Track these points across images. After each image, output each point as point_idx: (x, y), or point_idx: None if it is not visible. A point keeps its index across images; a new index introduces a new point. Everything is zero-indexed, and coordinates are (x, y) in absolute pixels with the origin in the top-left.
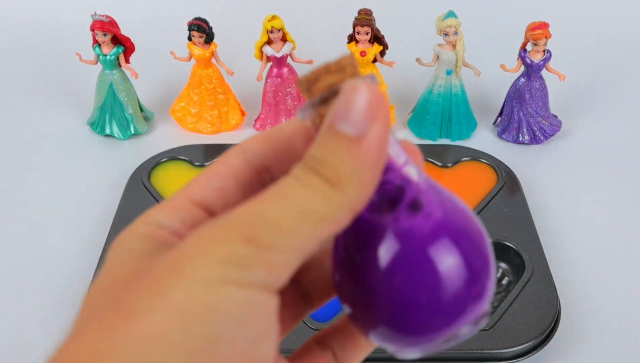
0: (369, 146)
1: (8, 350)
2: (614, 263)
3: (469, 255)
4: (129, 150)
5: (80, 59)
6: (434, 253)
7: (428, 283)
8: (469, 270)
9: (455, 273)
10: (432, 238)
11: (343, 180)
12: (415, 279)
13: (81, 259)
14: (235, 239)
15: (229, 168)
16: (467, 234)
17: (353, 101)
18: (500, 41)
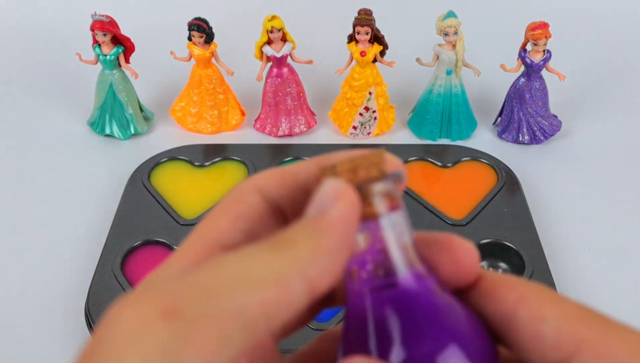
0: (330, 218)
1: (8, 350)
2: (614, 263)
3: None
4: (129, 150)
5: (80, 59)
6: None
7: None
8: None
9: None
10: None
11: (288, 242)
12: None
13: (81, 259)
14: (154, 314)
15: (252, 207)
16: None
17: (320, 191)
18: (500, 41)
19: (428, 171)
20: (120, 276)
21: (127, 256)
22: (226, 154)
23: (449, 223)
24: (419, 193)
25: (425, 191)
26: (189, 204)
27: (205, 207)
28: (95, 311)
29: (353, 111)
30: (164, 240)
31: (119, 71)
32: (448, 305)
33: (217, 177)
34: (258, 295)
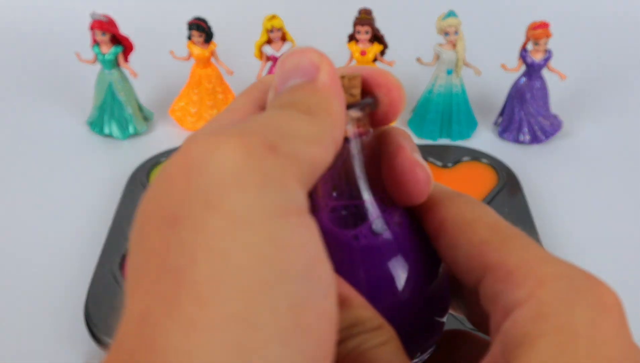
0: (323, 81)
1: (7, 350)
2: (615, 263)
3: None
4: (129, 150)
5: (79, 58)
6: (384, 269)
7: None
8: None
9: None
10: (385, 256)
11: (314, 109)
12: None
13: (80, 259)
14: (260, 147)
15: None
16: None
17: (295, 61)
18: (500, 41)
19: None
20: (119, 277)
21: (127, 256)
22: None
23: None
24: None
25: None
26: None
27: None
28: (95, 312)
29: None
30: None
31: (118, 70)
32: (390, 240)
33: None
34: (311, 150)
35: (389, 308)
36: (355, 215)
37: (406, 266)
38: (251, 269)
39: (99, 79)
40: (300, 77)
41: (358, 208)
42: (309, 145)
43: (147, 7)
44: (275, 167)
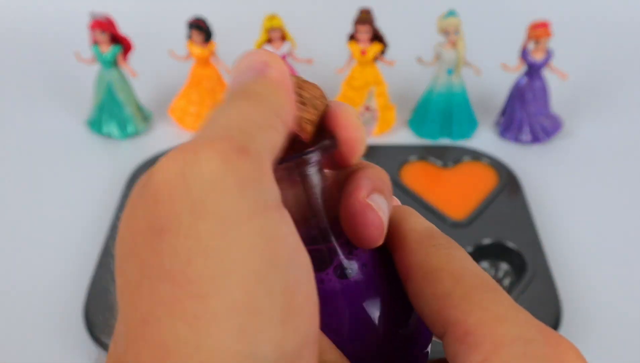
0: (272, 74)
1: (7, 350)
2: (615, 263)
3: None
4: (128, 150)
5: (79, 58)
6: (351, 311)
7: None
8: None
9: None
10: (352, 299)
11: (263, 94)
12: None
13: (80, 260)
14: (233, 152)
15: None
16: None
17: (247, 61)
18: (501, 40)
19: (429, 171)
20: None
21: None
22: None
23: (449, 223)
24: (419, 193)
25: (426, 191)
26: None
27: None
28: (94, 312)
29: None
30: None
31: (117, 70)
32: (356, 282)
33: None
34: (268, 136)
35: (358, 350)
36: (321, 259)
37: (374, 308)
38: (245, 261)
39: (98, 78)
40: (251, 73)
41: (323, 252)
42: (265, 131)
43: (146, 7)
44: (249, 168)
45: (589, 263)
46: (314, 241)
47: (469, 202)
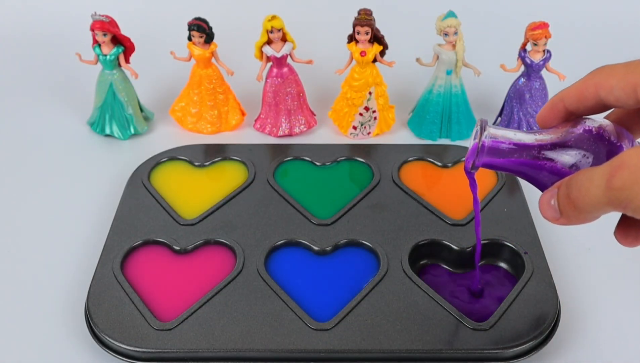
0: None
1: (7, 350)
2: (614, 263)
3: None
4: (129, 150)
5: (80, 59)
6: None
7: None
8: None
9: None
10: None
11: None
12: None
13: (81, 259)
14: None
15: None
16: None
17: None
18: (500, 41)
19: (428, 171)
20: (120, 276)
21: (127, 256)
22: (226, 154)
23: (449, 223)
24: (418, 193)
25: (425, 191)
26: (189, 204)
27: (205, 207)
28: (95, 312)
29: (353, 111)
30: (164, 240)
31: (119, 71)
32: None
33: (217, 177)
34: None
35: None
36: None
37: None
38: None
39: (100, 79)
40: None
41: None
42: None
43: (148, 8)
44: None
45: (588, 262)
46: None
47: (468, 202)
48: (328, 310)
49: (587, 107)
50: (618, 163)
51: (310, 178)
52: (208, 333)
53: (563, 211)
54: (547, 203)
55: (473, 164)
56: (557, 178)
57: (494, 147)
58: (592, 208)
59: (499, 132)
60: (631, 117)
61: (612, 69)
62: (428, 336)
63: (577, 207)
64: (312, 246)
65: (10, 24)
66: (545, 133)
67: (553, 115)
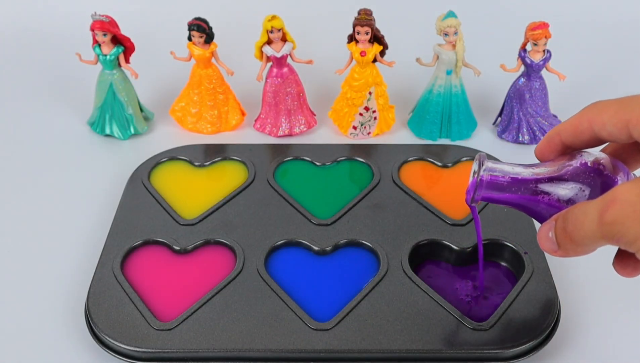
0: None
1: (7, 350)
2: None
3: None
4: (129, 150)
5: (80, 59)
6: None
7: None
8: None
9: None
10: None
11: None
12: None
13: (81, 259)
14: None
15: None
16: None
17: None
18: (500, 41)
19: (428, 171)
20: (120, 276)
21: (127, 256)
22: (226, 154)
23: (449, 223)
24: (418, 193)
25: (425, 191)
26: (189, 204)
27: (205, 207)
28: (95, 312)
29: (353, 111)
30: (164, 240)
31: (119, 71)
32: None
33: (217, 177)
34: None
35: None
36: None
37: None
38: None
39: (100, 79)
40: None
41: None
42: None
43: (148, 8)
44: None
45: (588, 262)
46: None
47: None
48: (328, 310)
49: (582, 141)
50: (610, 197)
51: (310, 178)
52: (208, 333)
53: (560, 244)
54: (545, 236)
55: (472, 198)
56: (554, 211)
57: (492, 181)
58: (587, 241)
59: (496, 166)
60: (627, 150)
61: (605, 106)
62: (428, 336)
63: (573, 240)
64: (312, 246)
65: (10, 24)
66: (542, 167)
67: (550, 149)
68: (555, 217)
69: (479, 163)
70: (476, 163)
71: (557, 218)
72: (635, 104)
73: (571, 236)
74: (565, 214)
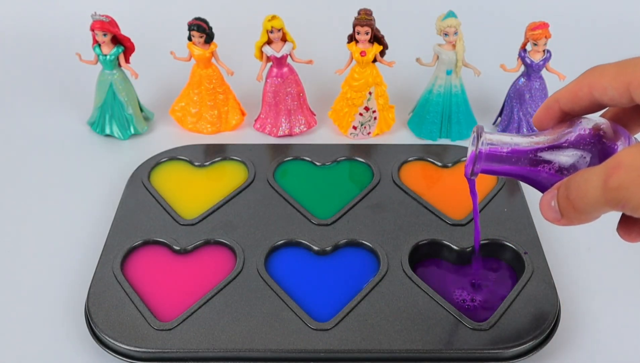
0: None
1: (7, 350)
2: (614, 263)
3: None
4: (129, 150)
5: (80, 59)
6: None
7: None
8: None
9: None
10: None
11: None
12: None
13: (81, 259)
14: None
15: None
16: None
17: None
18: (500, 41)
19: (428, 171)
20: (120, 276)
21: (127, 256)
22: (226, 154)
23: (449, 223)
24: (418, 193)
25: (425, 191)
26: (189, 204)
27: (205, 207)
28: (95, 312)
29: (353, 111)
30: (164, 240)
31: (119, 71)
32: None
33: (217, 177)
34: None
35: None
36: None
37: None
38: None
39: (100, 79)
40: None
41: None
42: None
43: (148, 8)
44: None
45: (588, 263)
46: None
47: (468, 202)
48: (328, 310)
49: (582, 107)
50: (614, 163)
51: (310, 178)
52: (208, 333)
53: (563, 212)
54: (547, 205)
55: (472, 170)
56: (556, 179)
57: (491, 153)
58: (591, 209)
59: (495, 137)
60: (627, 114)
61: (604, 69)
62: (428, 336)
63: (576, 208)
64: (312, 246)
65: (11, 24)
66: (541, 135)
67: (549, 116)
68: (557, 185)
69: (477, 135)
70: (474, 134)
71: (559, 186)
72: (635, 65)
73: (574, 203)
74: (568, 182)
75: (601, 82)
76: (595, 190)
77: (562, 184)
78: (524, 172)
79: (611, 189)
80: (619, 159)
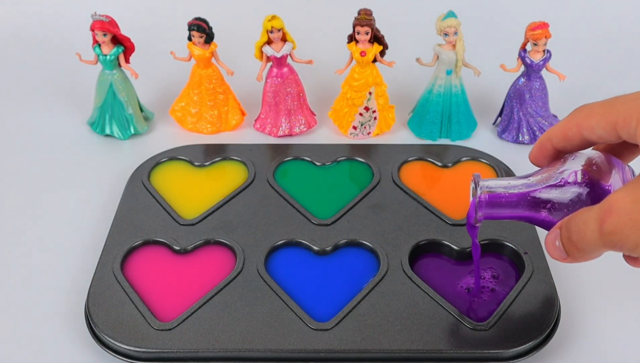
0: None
1: (7, 350)
2: (614, 263)
3: None
4: (129, 150)
5: (80, 59)
6: None
7: None
8: None
9: None
10: None
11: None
12: None
13: (81, 259)
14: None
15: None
16: None
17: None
18: (500, 41)
19: (428, 171)
20: (120, 276)
21: (127, 256)
22: (226, 154)
23: (449, 223)
24: (418, 193)
25: (425, 191)
26: (189, 204)
27: (205, 207)
28: (95, 312)
29: (353, 111)
30: (164, 240)
31: (119, 71)
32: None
33: (217, 177)
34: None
35: None
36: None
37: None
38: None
39: (100, 79)
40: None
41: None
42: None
43: (148, 8)
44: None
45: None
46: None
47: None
48: (328, 310)
49: (573, 145)
50: (607, 207)
51: (310, 178)
52: (208, 333)
53: (568, 253)
54: (552, 244)
55: (475, 219)
56: (557, 218)
57: (491, 199)
58: (592, 249)
59: (492, 182)
60: (618, 147)
61: (592, 110)
62: (428, 336)
63: (579, 249)
64: (312, 246)
65: (11, 24)
66: (538, 175)
67: (543, 154)
68: (559, 225)
69: (475, 184)
70: (472, 184)
71: (561, 227)
72: (620, 104)
73: (577, 245)
74: (568, 224)
75: (589, 123)
76: (593, 233)
77: (563, 225)
78: (525, 214)
79: (606, 233)
80: (611, 203)
